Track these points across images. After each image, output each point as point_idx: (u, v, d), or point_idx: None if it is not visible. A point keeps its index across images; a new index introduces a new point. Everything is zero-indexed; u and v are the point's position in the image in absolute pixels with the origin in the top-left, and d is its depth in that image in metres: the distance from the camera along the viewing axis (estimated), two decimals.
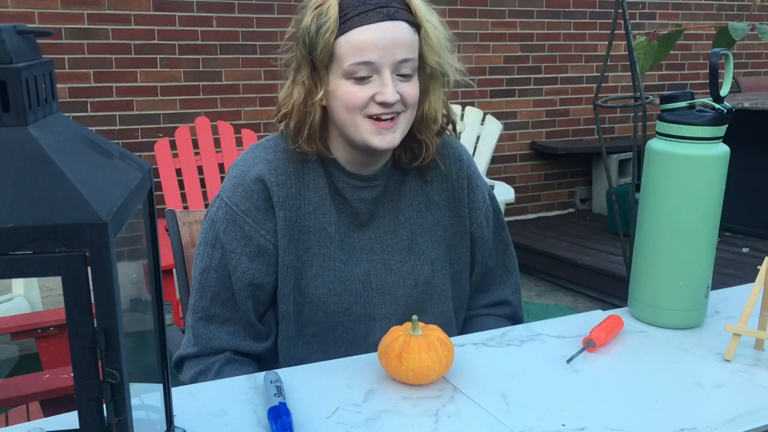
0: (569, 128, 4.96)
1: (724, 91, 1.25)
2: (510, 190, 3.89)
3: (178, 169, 3.26)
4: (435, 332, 1.09)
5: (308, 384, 1.08)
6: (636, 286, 1.33)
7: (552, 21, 4.73)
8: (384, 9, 1.13)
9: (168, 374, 0.79)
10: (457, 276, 1.35)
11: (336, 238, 1.24)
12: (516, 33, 4.62)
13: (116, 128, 3.56)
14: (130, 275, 2.98)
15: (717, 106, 1.23)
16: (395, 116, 1.16)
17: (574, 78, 4.90)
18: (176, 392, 1.03)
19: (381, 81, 1.14)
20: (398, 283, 1.28)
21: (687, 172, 1.22)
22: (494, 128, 3.98)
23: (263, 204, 1.21)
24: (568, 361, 1.15)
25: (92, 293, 0.55)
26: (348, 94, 1.15)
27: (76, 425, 0.57)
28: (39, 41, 0.64)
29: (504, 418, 0.98)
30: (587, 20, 4.86)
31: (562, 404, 1.02)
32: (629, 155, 4.80)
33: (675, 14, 5.17)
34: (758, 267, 1.19)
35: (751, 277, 1.20)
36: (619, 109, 5.06)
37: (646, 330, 1.29)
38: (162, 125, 3.66)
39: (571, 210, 5.12)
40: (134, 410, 0.61)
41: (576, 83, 4.91)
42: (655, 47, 2.43)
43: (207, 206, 1.32)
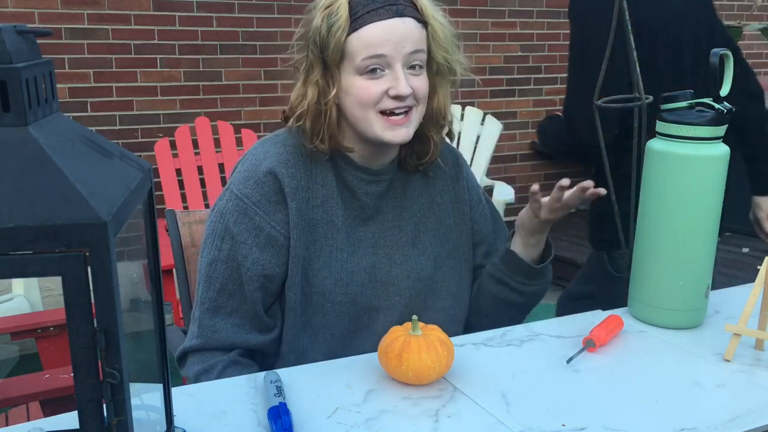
0: None
1: (724, 91, 1.25)
2: (510, 190, 3.87)
3: (178, 169, 3.26)
4: (435, 332, 1.09)
5: (308, 384, 1.08)
6: (636, 286, 1.33)
7: (552, 21, 4.72)
8: (393, 6, 1.16)
9: (168, 374, 0.79)
10: (460, 274, 1.37)
11: (343, 231, 1.26)
12: (516, 33, 4.61)
13: (116, 128, 3.56)
14: (130, 275, 2.98)
15: (717, 106, 1.23)
16: (408, 111, 1.19)
17: None
18: (176, 392, 1.02)
19: (393, 75, 1.17)
20: (402, 276, 1.30)
21: (687, 172, 1.23)
22: (494, 128, 3.98)
23: (274, 196, 1.22)
24: (568, 361, 1.15)
25: (92, 293, 0.55)
26: (361, 90, 1.17)
27: (76, 425, 0.57)
28: (39, 41, 0.64)
29: (504, 418, 0.98)
30: None
31: (562, 404, 1.02)
32: None
33: None
34: (758, 267, 1.19)
35: (751, 277, 1.20)
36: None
37: (646, 330, 1.29)
38: (162, 125, 3.65)
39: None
40: (134, 410, 0.61)
41: None
42: None
43: (207, 206, 1.32)
